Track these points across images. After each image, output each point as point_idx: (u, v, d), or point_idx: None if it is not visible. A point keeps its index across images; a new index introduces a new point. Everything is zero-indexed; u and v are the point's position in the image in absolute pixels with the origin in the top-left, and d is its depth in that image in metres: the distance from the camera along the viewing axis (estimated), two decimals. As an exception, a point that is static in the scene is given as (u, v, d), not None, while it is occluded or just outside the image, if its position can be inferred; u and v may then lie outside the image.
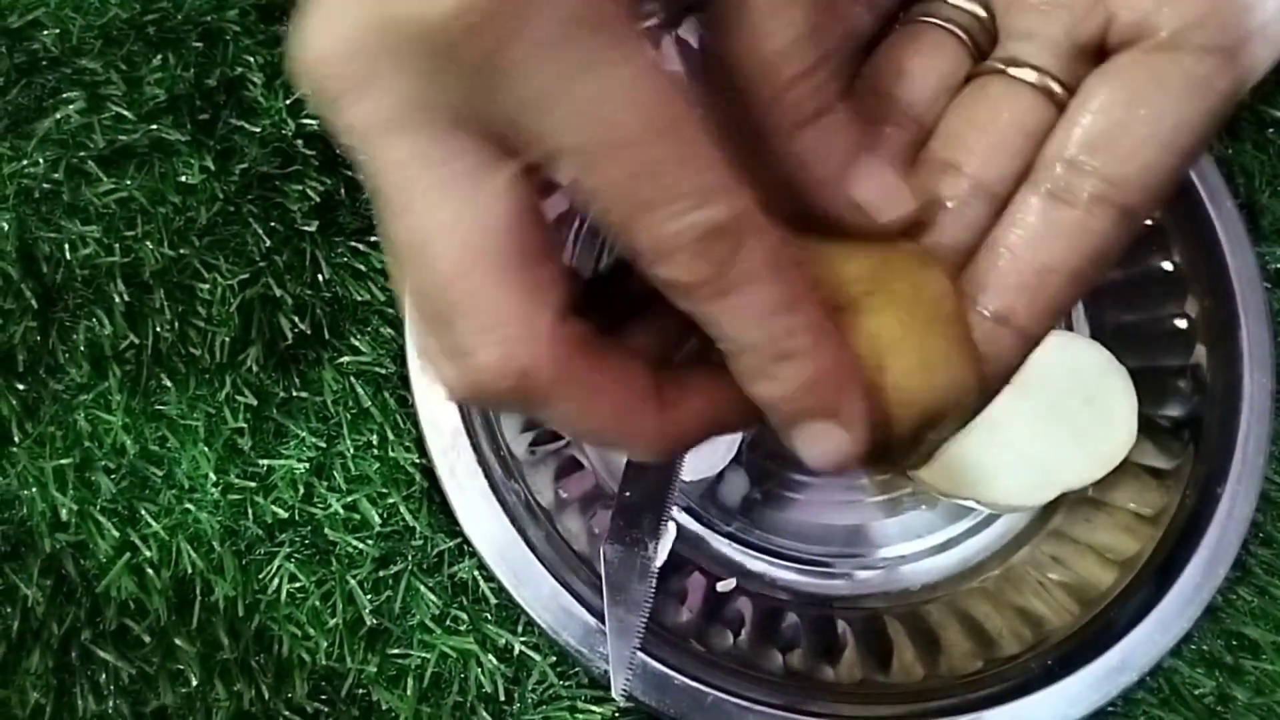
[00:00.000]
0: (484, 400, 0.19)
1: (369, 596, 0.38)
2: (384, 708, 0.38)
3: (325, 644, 0.38)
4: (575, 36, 0.16)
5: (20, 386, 0.40)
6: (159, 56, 0.44)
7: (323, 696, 0.38)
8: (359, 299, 0.42)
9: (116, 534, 0.39)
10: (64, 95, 0.43)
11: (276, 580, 0.39)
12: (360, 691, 0.38)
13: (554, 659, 0.38)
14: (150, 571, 0.38)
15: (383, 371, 0.41)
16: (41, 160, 0.42)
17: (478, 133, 0.18)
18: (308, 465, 0.40)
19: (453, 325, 0.18)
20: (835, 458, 0.20)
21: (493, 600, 0.39)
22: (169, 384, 0.40)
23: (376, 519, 0.39)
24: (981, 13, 0.23)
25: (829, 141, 0.20)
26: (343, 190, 0.43)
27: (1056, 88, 0.22)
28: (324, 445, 0.40)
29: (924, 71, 0.23)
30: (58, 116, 0.43)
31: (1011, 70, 0.22)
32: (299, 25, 0.18)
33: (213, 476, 0.39)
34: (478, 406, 0.20)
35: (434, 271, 0.18)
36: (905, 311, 0.20)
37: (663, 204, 0.17)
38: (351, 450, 0.40)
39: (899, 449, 0.21)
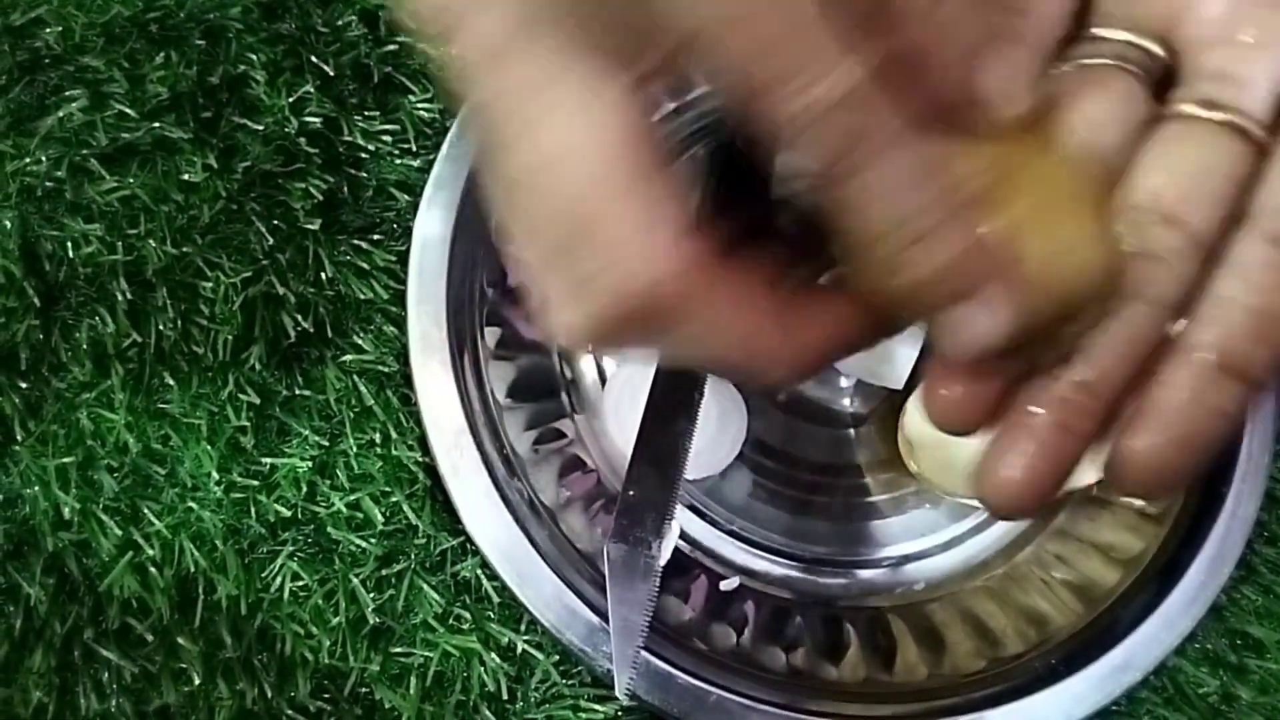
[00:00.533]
0: (610, 332, 0.19)
1: (372, 595, 0.38)
2: (387, 706, 0.38)
3: (328, 643, 0.38)
4: None
5: (23, 385, 0.40)
6: (161, 54, 0.44)
7: (325, 695, 0.38)
8: (362, 297, 0.42)
9: (119, 533, 0.39)
10: (66, 93, 0.43)
11: (279, 579, 0.39)
12: (363, 690, 0.38)
13: (557, 658, 0.38)
14: (153, 570, 0.38)
15: (385, 370, 0.41)
16: (44, 158, 0.42)
17: (593, 44, 0.18)
18: (310, 464, 0.40)
19: (576, 251, 0.18)
20: (982, 341, 0.19)
21: (495, 599, 0.39)
22: (171, 382, 0.40)
23: (379, 517, 0.39)
24: (1158, 50, 0.22)
25: (960, 20, 0.19)
26: (345, 188, 0.43)
27: (1259, 132, 0.21)
28: (327, 444, 0.40)
29: (1111, 119, 0.22)
30: (60, 114, 0.43)
31: (1214, 115, 0.21)
32: None
33: (215, 475, 0.39)
34: (604, 345, 0.19)
35: (555, 195, 0.18)
36: (1033, 197, 0.20)
37: (787, 79, 0.17)
38: (354, 448, 0.40)
39: (1039, 340, 0.20)
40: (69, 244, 0.41)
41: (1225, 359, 0.21)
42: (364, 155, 0.44)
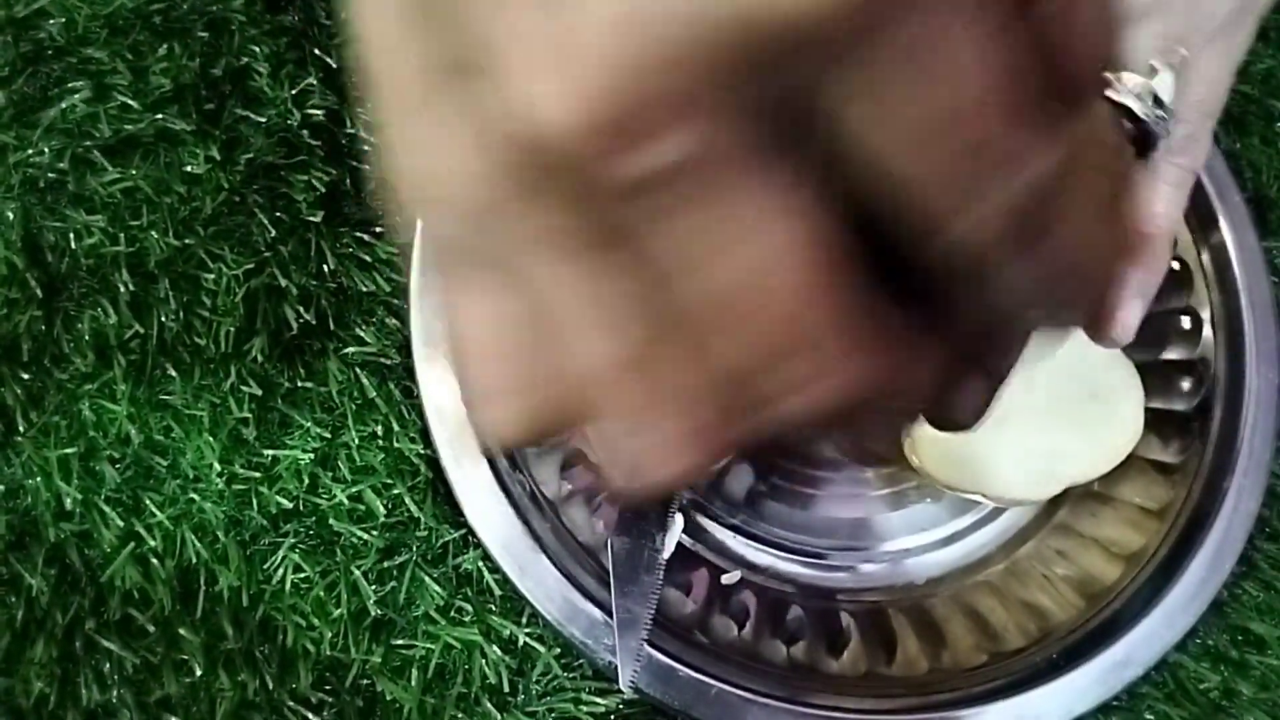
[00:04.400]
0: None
1: (373, 587, 0.38)
2: (388, 698, 0.38)
3: (329, 634, 0.38)
4: None
5: (25, 376, 0.40)
6: (165, 46, 0.44)
7: (327, 687, 0.38)
8: (364, 289, 0.42)
9: (121, 524, 0.39)
10: (70, 85, 0.43)
11: (281, 570, 0.39)
12: (364, 682, 0.38)
13: (558, 650, 0.38)
14: (154, 561, 0.38)
15: (388, 362, 0.41)
16: (47, 150, 0.42)
17: (774, 134, 0.15)
18: (312, 455, 0.40)
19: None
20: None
21: (497, 591, 0.39)
22: (174, 374, 0.40)
23: (381, 510, 0.39)
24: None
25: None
26: (348, 180, 0.43)
27: None
28: (329, 436, 0.40)
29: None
30: (63, 106, 0.43)
31: None
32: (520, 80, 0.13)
33: (217, 466, 0.39)
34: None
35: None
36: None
37: (984, 190, 0.15)
38: (356, 441, 0.40)
39: None
40: (71, 235, 0.41)
41: None
42: (366, 148, 0.44)
